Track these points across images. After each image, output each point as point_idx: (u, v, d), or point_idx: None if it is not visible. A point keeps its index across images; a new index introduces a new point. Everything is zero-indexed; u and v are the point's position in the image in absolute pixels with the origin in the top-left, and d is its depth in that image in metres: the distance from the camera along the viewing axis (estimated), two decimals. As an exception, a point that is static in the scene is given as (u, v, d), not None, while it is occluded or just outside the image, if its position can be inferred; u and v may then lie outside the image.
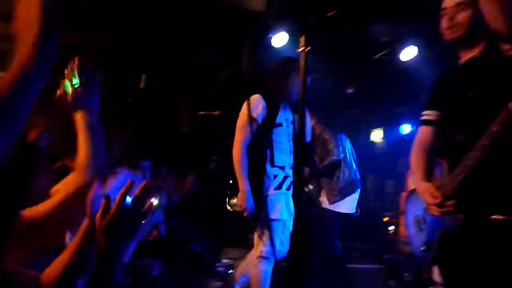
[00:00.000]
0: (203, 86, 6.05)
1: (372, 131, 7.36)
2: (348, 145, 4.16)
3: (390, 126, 6.92)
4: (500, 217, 1.52)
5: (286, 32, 4.24)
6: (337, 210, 3.90)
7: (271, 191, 2.76)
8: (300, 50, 1.14)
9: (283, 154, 2.83)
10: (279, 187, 2.78)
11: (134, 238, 2.70)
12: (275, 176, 2.78)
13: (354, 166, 4.09)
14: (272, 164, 2.79)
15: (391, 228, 5.49)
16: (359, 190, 4.04)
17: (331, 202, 3.92)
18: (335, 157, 3.92)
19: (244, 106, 2.70)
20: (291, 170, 2.83)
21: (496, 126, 1.43)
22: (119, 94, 5.39)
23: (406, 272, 4.09)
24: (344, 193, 3.90)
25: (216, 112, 4.38)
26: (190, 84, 6.17)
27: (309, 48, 1.11)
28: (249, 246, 5.12)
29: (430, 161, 1.86)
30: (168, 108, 6.26)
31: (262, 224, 2.75)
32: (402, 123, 6.54)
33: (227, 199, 6.43)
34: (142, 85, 5.20)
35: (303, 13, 1.10)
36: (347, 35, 4.76)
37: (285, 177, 2.80)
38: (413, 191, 2.01)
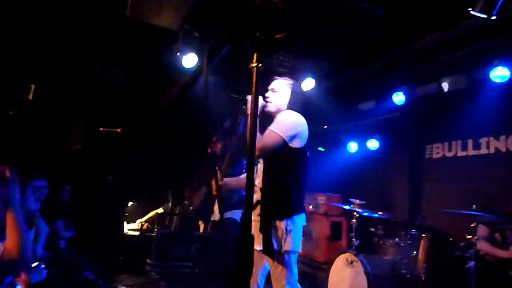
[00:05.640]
0: (96, 102, 5.70)
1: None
2: None
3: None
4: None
5: (195, 53, 4.30)
6: None
7: None
8: (252, 65, 1.20)
9: None
10: None
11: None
12: None
13: None
14: None
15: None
16: None
17: None
18: None
19: None
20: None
21: None
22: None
23: None
24: None
25: (118, 130, 4.17)
26: (82, 99, 5.76)
27: (261, 65, 1.18)
28: (146, 272, 4.87)
29: None
30: (55, 124, 5.70)
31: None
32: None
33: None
34: (30, 96, 4.67)
35: (255, 32, 1.18)
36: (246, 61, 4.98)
37: None
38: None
